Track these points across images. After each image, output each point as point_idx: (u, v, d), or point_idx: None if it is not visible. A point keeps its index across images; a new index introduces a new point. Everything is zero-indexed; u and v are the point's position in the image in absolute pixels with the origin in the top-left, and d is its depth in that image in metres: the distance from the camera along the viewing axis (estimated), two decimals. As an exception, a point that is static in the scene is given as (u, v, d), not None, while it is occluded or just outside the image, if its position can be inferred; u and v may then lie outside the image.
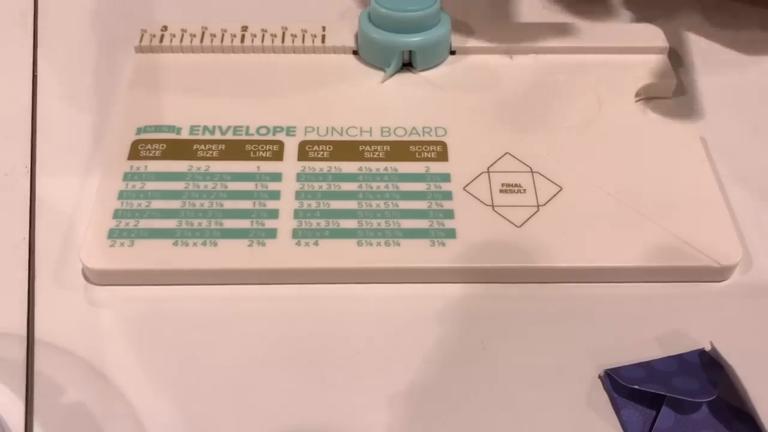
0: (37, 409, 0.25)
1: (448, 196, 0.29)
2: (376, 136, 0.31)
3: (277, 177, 0.30)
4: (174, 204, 0.29)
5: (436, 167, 0.30)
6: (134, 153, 0.30)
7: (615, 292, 0.28)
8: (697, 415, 0.24)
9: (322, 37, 0.35)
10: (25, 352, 0.26)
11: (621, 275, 0.28)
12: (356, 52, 0.35)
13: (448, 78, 0.34)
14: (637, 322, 0.27)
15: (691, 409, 0.25)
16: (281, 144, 0.31)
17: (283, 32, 0.35)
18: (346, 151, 0.31)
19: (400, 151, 0.31)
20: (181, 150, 0.31)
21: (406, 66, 0.34)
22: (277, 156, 0.31)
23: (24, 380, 0.25)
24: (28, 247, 0.28)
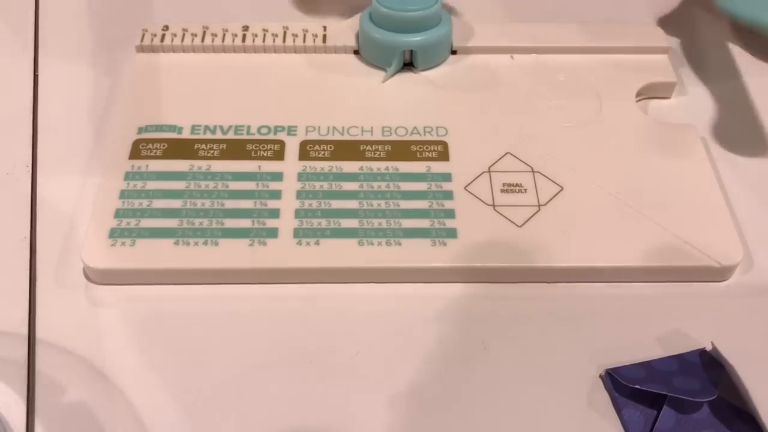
0: (38, 409, 0.25)
1: (449, 195, 0.29)
2: (377, 136, 0.31)
3: (278, 176, 0.30)
4: (175, 203, 0.29)
5: (437, 167, 0.30)
6: (135, 152, 0.30)
7: (616, 291, 0.28)
8: (698, 415, 0.24)
9: (323, 36, 0.35)
10: (26, 351, 0.26)
11: (622, 275, 0.28)
12: (357, 52, 0.35)
13: (449, 78, 0.34)
14: (638, 322, 0.27)
15: (692, 408, 0.25)
16: (282, 143, 0.31)
17: (284, 32, 0.35)
18: (347, 150, 0.31)
19: (401, 150, 0.31)
20: (182, 149, 0.31)
21: (407, 66, 0.34)
22: (278, 155, 0.31)
23: (25, 380, 0.25)
24: (29, 246, 0.28)
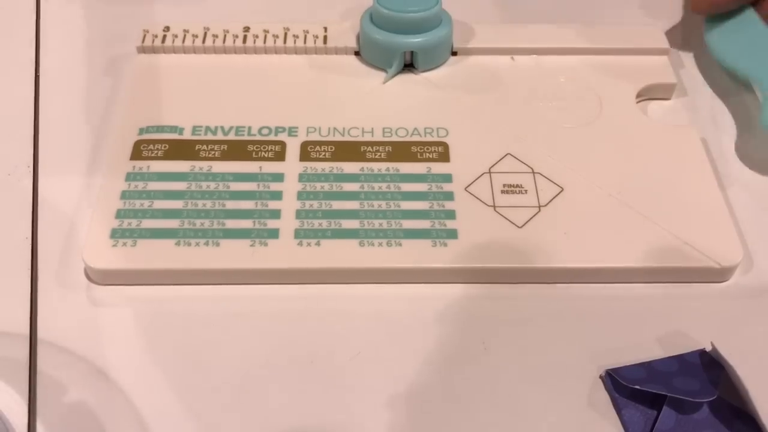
0: (40, 409, 0.25)
1: (450, 196, 0.29)
2: (378, 137, 0.31)
3: (279, 177, 0.30)
4: (176, 204, 0.29)
5: (438, 168, 0.30)
6: (136, 153, 0.30)
7: (616, 292, 0.28)
8: (698, 416, 0.25)
9: (324, 37, 0.35)
10: (27, 351, 0.26)
11: (622, 276, 0.28)
12: (358, 53, 0.35)
13: (450, 79, 0.34)
14: (638, 323, 0.27)
15: (692, 409, 0.25)
16: (283, 144, 0.31)
17: (285, 33, 0.35)
18: (348, 151, 0.31)
19: (402, 151, 0.31)
20: (184, 150, 0.31)
21: (408, 67, 0.34)
22: (279, 156, 0.31)
23: (27, 380, 0.25)
24: (30, 246, 0.29)
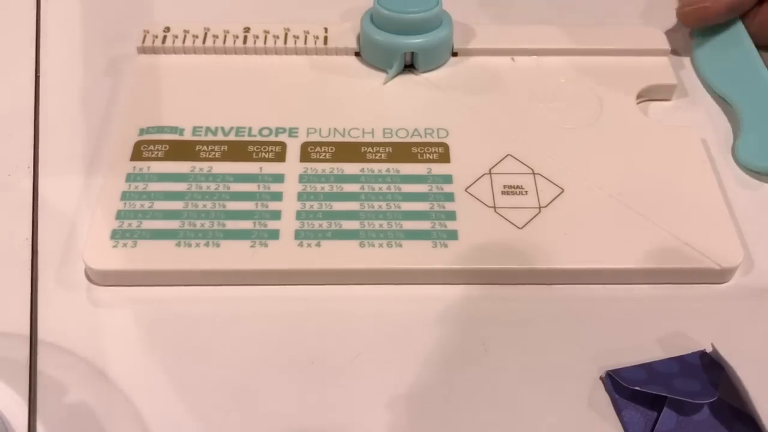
0: (40, 409, 0.25)
1: (450, 197, 0.29)
2: (378, 138, 0.31)
3: (279, 178, 0.30)
4: (177, 205, 0.29)
5: (438, 169, 0.30)
6: (137, 154, 0.30)
7: (616, 293, 0.28)
8: (699, 417, 0.25)
9: (324, 38, 0.35)
10: (28, 352, 0.26)
11: (622, 277, 0.28)
12: (358, 54, 0.35)
13: (450, 80, 0.34)
14: (639, 324, 0.27)
15: (692, 410, 0.25)
16: (283, 145, 0.31)
17: (286, 33, 0.35)
18: (348, 152, 0.31)
19: (402, 152, 0.31)
20: (184, 151, 0.31)
21: (408, 67, 0.34)
22: (280, 157, 0.31)
23: (27, 380, 0.25)
24: (30, 247, 0.29)
